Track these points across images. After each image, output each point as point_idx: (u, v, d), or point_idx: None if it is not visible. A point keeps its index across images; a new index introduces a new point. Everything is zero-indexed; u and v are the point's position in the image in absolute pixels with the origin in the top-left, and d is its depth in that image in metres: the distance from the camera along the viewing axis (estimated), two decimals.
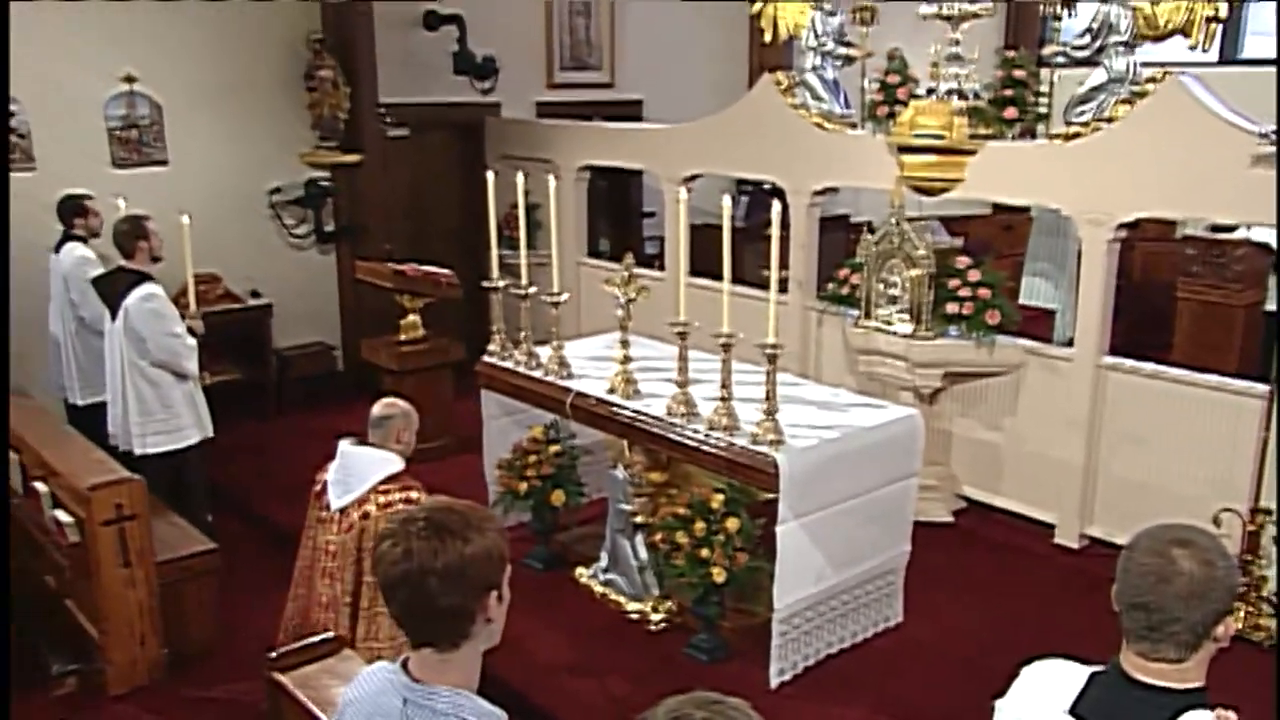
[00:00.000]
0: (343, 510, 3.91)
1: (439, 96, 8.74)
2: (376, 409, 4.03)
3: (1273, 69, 10.38)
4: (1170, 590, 1.73)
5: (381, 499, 3.84)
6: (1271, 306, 7.27)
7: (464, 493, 2.35)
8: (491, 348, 5.63)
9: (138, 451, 5.42)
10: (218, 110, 7.72)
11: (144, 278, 5.37)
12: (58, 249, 6.32)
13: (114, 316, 5.40)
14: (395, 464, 3.92)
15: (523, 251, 5.76)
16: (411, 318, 6.99)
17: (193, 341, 5.47)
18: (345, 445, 4.01)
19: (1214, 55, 7.55)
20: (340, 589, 3.91)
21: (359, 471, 3.93)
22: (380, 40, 8.07)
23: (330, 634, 3.65)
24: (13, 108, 6.85)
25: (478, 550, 1.74)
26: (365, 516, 3.83)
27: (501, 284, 5.63)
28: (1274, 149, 4.66)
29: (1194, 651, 1.77)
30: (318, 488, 4.07)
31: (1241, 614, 4.73)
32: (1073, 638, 2.83)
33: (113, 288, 5.42)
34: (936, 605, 5.00)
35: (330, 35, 7.92)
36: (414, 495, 3.83)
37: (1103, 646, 1.93)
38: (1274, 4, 9.48)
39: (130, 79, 7.32)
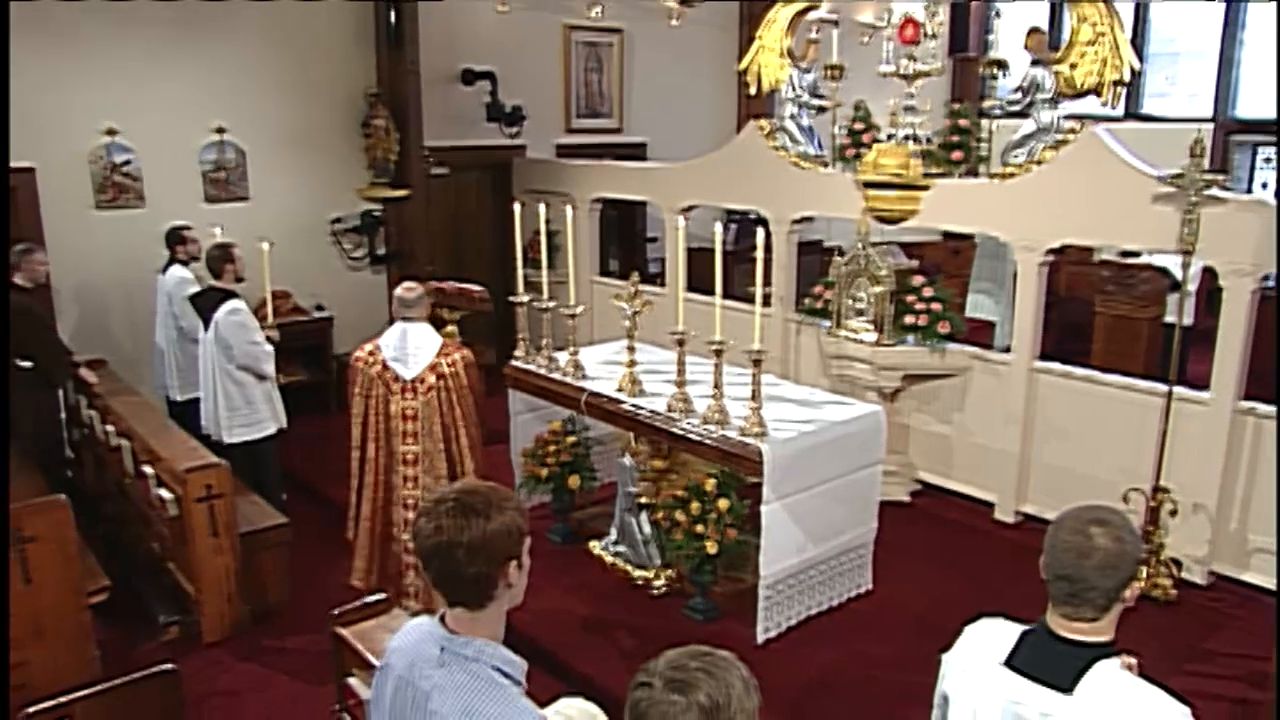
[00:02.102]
0: (416, 379, 4.15)
1: (474, 140, 8.76)
2: (403, 292, 4.24)
3: (1169, 125, 10.48)
4: (1089, 564, 1.76)
5: (446, 361, 4.20)
6: (1170, 320, 7.27)
7: (494, 477, 2.39)
8: (518, 353, 5.62)
9: (225, 440, 5.48)
10: (290, 154, 7.76)
11: (230, 295, 5.45)
12: (164, 270, 6.41)
13: (206, 327, 5.48)
14: (436, 334, 4.27)
15: (544, 271, 5.76)
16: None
17: (270, 348, 5.54)
18: (402, 325, 4.22)
19: (1120, 111, 7.58)
20: (430, 444, 4.20)
21: (422, 344, 4.21)
22: (425, 93, 8.09)
23: (383, 595, 3.67)
24: (128, 156, 6.96)
25: (498, 526, 1.75)
26: (440, 377, 4.17)
27: (526, 299, 5.62)
28: (1171, 189, 4.69)
29: (1107, 612, 1.80)
30: (373, 371, 4.26)
31: (1144, 576, 4.74)
32: (1009, 600, 2.82)
33: (205, 303, 5.51)
34: (896, 573, 4.99)
35: (384, 89, 7.94)
36: (465, 351, 4.28)
37: (1033, 608, 1.94)
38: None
39: (221, 130, 7.39)
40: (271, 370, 5.56)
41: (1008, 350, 5.94)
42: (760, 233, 4.40)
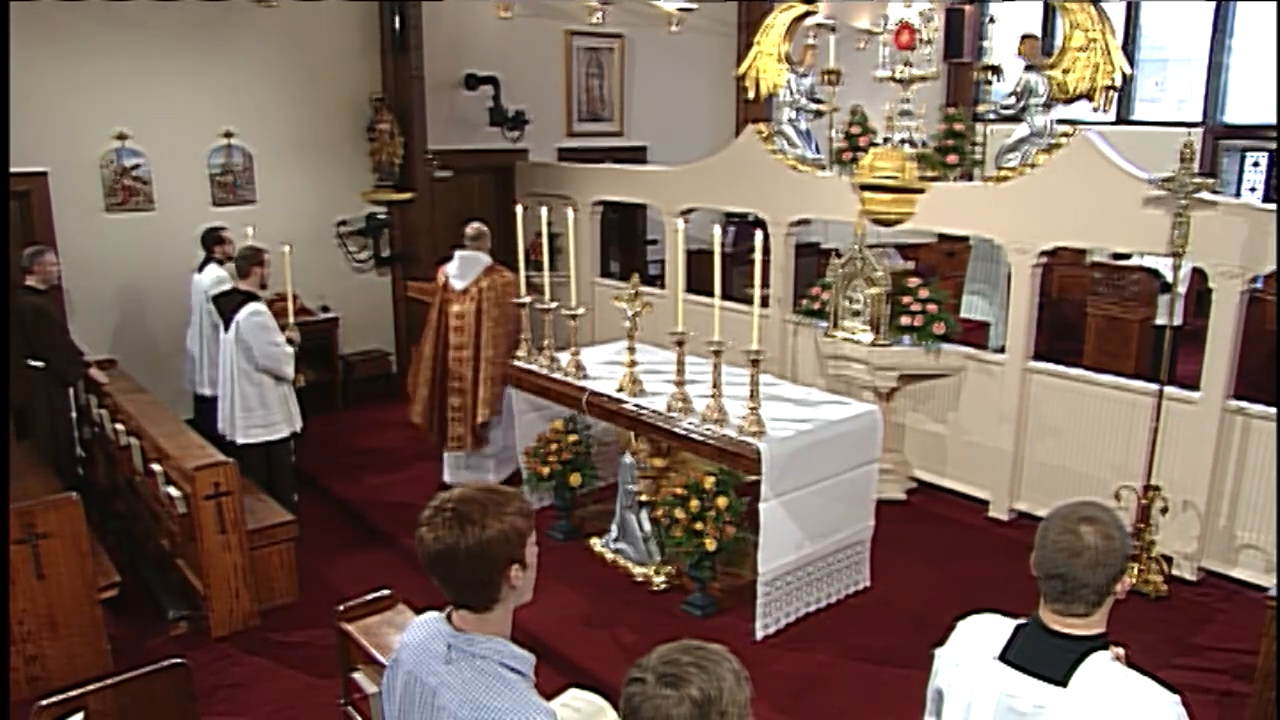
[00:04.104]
0: (464, 290, 5.83)
1: (477, 144, 8.77)
2: (470, 230, 5.89)
3: (1159, 130, 10.51)
4: (1079, 562, 1.76)
5: (486, 280, 5.79)
6: (1160, 321, 7.29)
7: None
8: (520, 353, 5.61)
9: (239, 441, 5.45)
10: (297, 158, 7.76)
11: (252, 297, 5.42)
12: (200, 269, 6.43)
13: (227, 327, 5.44)
14: (488, 259, 5.82)
15: (546, 273, 5.77)
16: None
17: (290, 350, 5.51)
18: (462, 252, 5.86)
19: (1112, 116, 7.59)
20: (467, 336, 5.82)
21: (473, 265, 5.85)
22: (429, 98, 8.11)
23: (388, 592, 3.69)
24: (138, 160, 6.97)
25: (494, 533, 1.73)
26: (479, 290, 5.76)
27: (528, 300, 5.63)
28: (1162, 193, 4.70)
29: (1098, 607, 1.80)
30: (441, 283, 5.95)
31: (1135, 572, 4.75)
32: (1003, 596, 2.83)
33: (227, 304, 5.49)
34: (893, 569, 4.99)
35: (388, 95, 7.95)
36: (508, 275, 5.85)
37: (1026, 602, 1.94)
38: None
39: (228, 134, 7.39)
40: (291, 372, 5.52)
41: (1001, 350, 5.94)
42: (758, 235, 4.43)
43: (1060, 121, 5.68)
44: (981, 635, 1.94)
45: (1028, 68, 6.64)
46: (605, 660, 4.26)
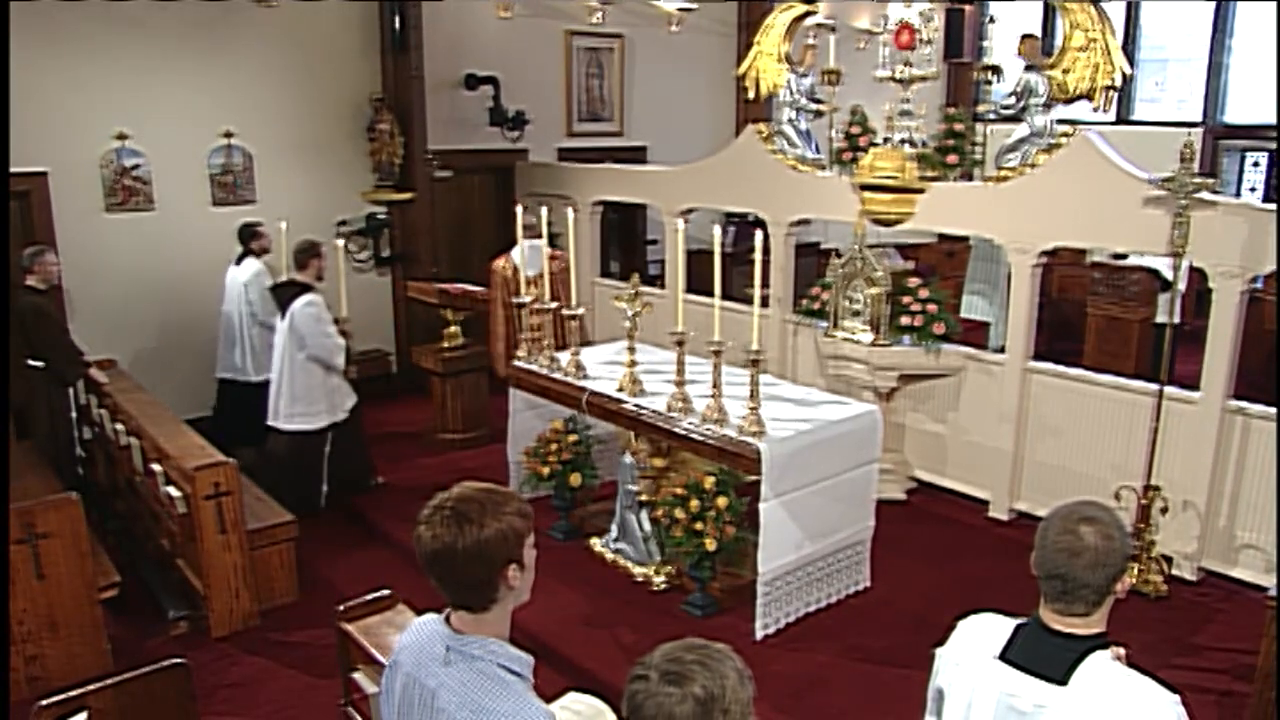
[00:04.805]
0: (534, 277, 6.12)
1: (477, 144, 8.76)
2: (527, 219, 5.81)
3: (1159, 130, 10.52)
4: (1079, 562, 1.76)
5: (553, 262, 5.60)
6: (1160, 319, 7.30)
7: (497, 476, 2.39)
8: (520, 353, 5.63)
9: (282, 427, 5.67)
10: (297, 158, 7.75)
11: (308, 288, 5.64)
12: (237, 262, 6.60)
13: (282, 317, 5.67)
14: (548, 246, 5.60)
15: (548, 273, 5.76)
16: (453, 328, 7.00)
17: (342, 341, 5.71)
18: (526, 242, 5.97)
19: (1111, 116, 7.59)
20: (541, 318, 5.65)
21: (539, 253, 5.80)
22: (429, 98, 8.10)
23: (388, 592, 3.69)
24: (138, 160, 6.97)
25: (492, 534, 1.73)
26: (552, 276, 5.49)
27: (528, 299, 5.64)
28: (1162, 193, 4.70)
29: (1098, 606, 1.81)
30: (507, 272, 6.44)
31: (1135, 572, 4.75)
32: (1003, 596, 2.83)
33: (283, 294, 5.72)
34: (893, 569, 4.99)
35: (388, 95, 7.95)
36: (563, 257, 6.20)
37: (1026, 602, 1.95)
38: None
39: (229, 134, 7.38)
40: (341, 362, 5.75)
41: (1001, 350, 5.94)
42: (758, 235, 4.43)
43: (1060, 121, 5.67)
44: (982, 635, 1.94)
45: (1028, 68, 6.64)
46: (605, 660, 4.26)
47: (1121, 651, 1.85)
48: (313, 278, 5.70)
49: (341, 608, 3.51)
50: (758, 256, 4.37)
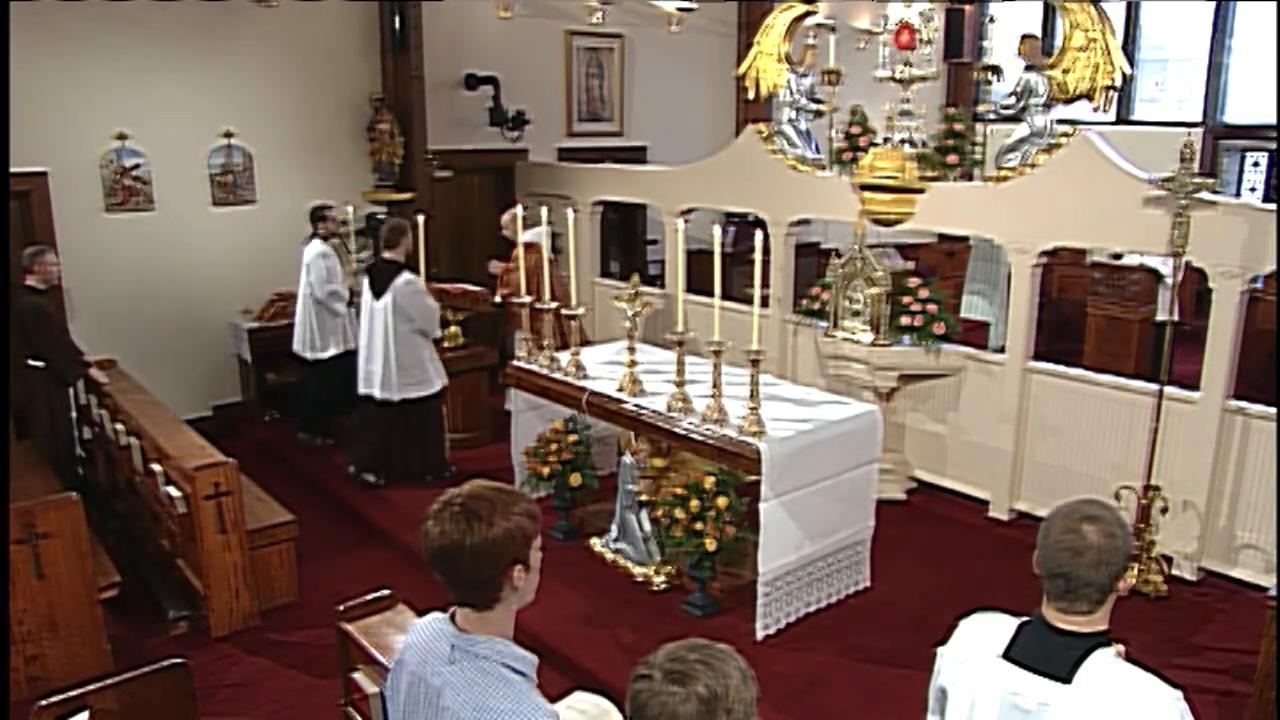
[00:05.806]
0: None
1: (477, 144, 8.76)
2: (527, 213, 5.81)
3: (1159, 130, 10.53)
4: (1082, 561, 1.76)
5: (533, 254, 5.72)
6: (1161, 317, 7.30)
7: (498, 475, 2.39)
8: (520, 353, 5.63)
9: (396, 398, 5.97)
10: (297, 158, 7.75)
11: (404, 266, 5.91)
12: (308, 242, 6.85)
13: (378, 296, 5.91)
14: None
15: (546, 272, 5.76)
16: (453, 328, 7.00)
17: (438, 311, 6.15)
18: (537, 229, 5.84)
19: (1111, 116, 7.60)
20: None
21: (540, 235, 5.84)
22: (429, 98, 8.10)
23: (388, 592, 3.69)
24: (138, 160, 6.98)
25: (500, 532, 1.72)
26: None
27: (528, 299, 5.63)
28: (1162, 193, 4.70)
29: (1101, 604, 1.81)
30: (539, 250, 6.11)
31: (1135, 572, 4.75)
32: (1003, 595, 2.82)
33: (380, 275, 5.95)
34: (893, 569, 4.99)
35: (388, 95, 7.95)
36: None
37: (1026, 602, 1.94)
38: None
39: (229, 134, 7.38)
40: (439, 332, 6.22)
41: (1001, 350, 5.94)
42: (758, 235, 4.42)
43: (1060, 121, 5.68)
44: (984, 633, 1.94)
45: (1028, 68, 6.64)
46: (605, 660, 4.26)
47: (1123, 649, 1.85)
48: (402, 256, 5.94)
49: (341, 608, 3.51)
50: (758, 256, 4.37)
